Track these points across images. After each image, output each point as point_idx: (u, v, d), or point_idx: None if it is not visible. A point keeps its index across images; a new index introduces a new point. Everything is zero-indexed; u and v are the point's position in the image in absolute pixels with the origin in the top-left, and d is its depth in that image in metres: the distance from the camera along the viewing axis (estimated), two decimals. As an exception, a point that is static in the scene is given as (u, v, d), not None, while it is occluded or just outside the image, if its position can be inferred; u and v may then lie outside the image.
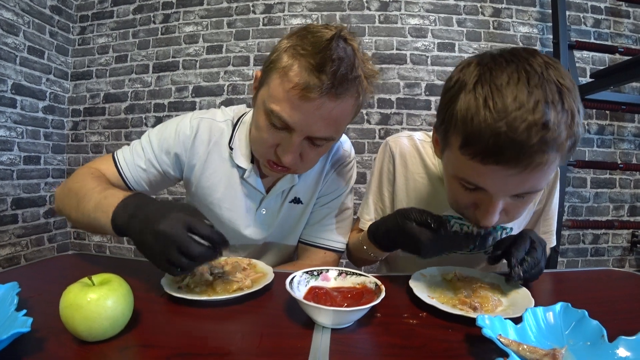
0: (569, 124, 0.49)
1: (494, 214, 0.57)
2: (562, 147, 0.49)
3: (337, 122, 0.69)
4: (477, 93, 0.50)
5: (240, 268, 0.66)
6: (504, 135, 0.47)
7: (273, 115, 0.66)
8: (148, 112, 2.33)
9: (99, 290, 0.45)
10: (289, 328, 0.52)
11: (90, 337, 0.44)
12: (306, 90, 0.62)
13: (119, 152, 0.84)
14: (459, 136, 0.53)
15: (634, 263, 2.30)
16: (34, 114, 2.18)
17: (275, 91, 0.66)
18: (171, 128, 0.84)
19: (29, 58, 2.12)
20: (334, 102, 0.64)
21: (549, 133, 0.47)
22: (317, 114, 0.64)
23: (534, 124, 0.46)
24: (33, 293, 0.59)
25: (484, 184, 0.55)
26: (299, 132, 0.67)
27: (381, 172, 0.89)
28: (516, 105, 0.47)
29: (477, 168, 0.52)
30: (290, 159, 0.69)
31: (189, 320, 0.53)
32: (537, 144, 0.47)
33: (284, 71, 0.64)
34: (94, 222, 0.64)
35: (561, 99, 0.48)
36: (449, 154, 0.59)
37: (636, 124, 2.26)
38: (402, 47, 2.18)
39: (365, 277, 0.60)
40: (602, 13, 2.22)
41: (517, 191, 0.55)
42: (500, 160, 0.49)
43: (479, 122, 0.49)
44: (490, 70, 0.51)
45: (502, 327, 0.45)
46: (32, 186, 2.19)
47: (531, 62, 0.50)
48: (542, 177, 0.53)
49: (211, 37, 2.27)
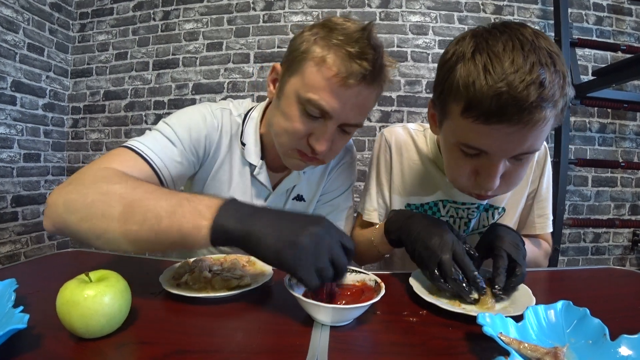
0: (561, 85, 0.54)
1: (495, 177, 0.60)
2: (556, 104, 0.54)
3: (367, 109, 0.71)
4: (476, 60, 0.55)
5: (239, 265, 0.66)
6: (505, 94, 0.51)
7: (310, 104, 0.66)
8: (148, 110, 2.33)
9: (96, 286, 0.45)
10: (288, 325, 0.51)
11: (87, 333, 0.44)
12: (347, 78, 0.63)
13: (139, 145, 0.67)
14: (460, 102, 0.57)
15: (634, 262, 2.30)
16: (33, 112, 2.18)
17: (312, 80, 0.66)
18: (196, 117, 0.77)
19: (29, 55, 2.12)
20: (368, 89, 0.67)
21: (546, 91, 0.52)
22: (354, 101, 0.66)
23: (532, 83, 0.51)
24: (31, 290, 0.58)
25: (487, 145, 0.58)
26: (335, 119, 0.68)
27: (378, 161, 0.92)
28: (514, 68, 0.52)
29: (480, 130, 0.56)
30: (324, 147, 0.69)
31: (187, 317, 0.53)
32: (536, 101, 0.52)
33: (321, 59, 0.65)
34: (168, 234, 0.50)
35: (553, 62, 0.53)
36: (449, 123, 0.62)
37: (638, 122, 2.25)
38: (403, 44, 2.17)
39: (365, 274, 0.60)
40: (605, 10, 2.21)
41: (517, 151, 0.58)
42: (503, 118, 0.53)
43: (480, 86, 0.53)
44: (486, 40, 0.56)
45: (503, 325, 0.44)
46: (32, 184, 2.19)
47: (522, 32, 0.55)
48: (540, 135, 0.57)
49: (211, 34, 2.26)
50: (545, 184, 0.87)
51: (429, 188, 0.86)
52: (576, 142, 2.20)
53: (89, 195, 0.53)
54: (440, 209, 0.87)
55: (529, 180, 0.86)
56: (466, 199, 0.84)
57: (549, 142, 2.17)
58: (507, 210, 0.87)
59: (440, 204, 0.86)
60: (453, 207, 0.85)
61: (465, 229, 0.87)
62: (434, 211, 0.87)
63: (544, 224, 0.88)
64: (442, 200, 0.86)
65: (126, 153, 0.65)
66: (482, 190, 0.64)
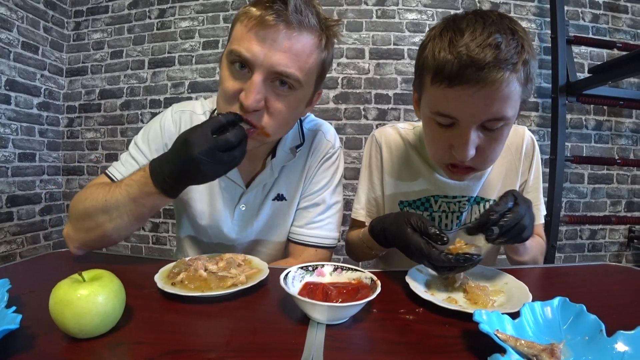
0: (519, 51, 0.59)
1: (467, 145, 0.63)
2: (515, 68, 0.58)
3: (299, 58, 0.66)
4: (442, 36, 0.62)
5: (235, 264, 0.65)
6: (464, 56, 0.58)
7: (232, 55, 0.66)
8: (144, 109, 2.31)
9: (90, 286, 0.44)
10: (284, 324, 0.51)
11: (81, 333, 0.44)
12: (261, 19, 0.64)
13: (111, 169, 0.82)
14: (430, 72, 0.63)
15: (630, 258, 2.31)
16: (28, 111, 2.16)
17: (236, 34, 0.67)
18: (155, 128, 0.84)
19: (23, 54, 2.10)
20: (291, 30, 0.65)
21: (501, 53, 0.57)
22: (275, 44, 0.64)
23: (487, 45, 0.57)
24: (25, 290, 0.58)
25: (454, 109, 0.62)
26: (258, 67, 0.65)
27: (370, 162, 0.94)
28: (474, 36, 0.58)
29: (447, 94, 0.61)
30: (251, 100, 0.64)
31: (182, 316, 0.53)
32: (493, 61, 0.57)
33: (243, 16, 0.67)
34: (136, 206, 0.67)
35: (512, 33, 0.59)
36: (425, 96, 0.68)
37: (634, 119, 2.26)
38: (399, 42, 2.17)
39: (361, 272, 0.60)
40: (601, 8, 2.21)
41: (483, 115, 0.61)
42: (462, 79, 0.58)
43: (444, 55, 0.60)
44: (453, 21, 0.63)
45: (500, 323, 0.44)
46: (27, 183, 2.18)
47: (488, 14, 0.62)
48: (504, 100, 0.60)
49: (207, 33, 2.25)
50: (533, 175, 0.88)
51: (420, 184, 0.87)
52: (572, 140, 2.21)
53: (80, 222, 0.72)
54: (432, 205, 0.87)
55: (519, 172, 0.87)
56: (457, 192, 0.85)
57: (545, 139, 2.17)
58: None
59: (432, 199, 0.87)
60: (445, 201, 0.86)
61: (457, 223, 0.87)
62: (426, 207, 0.88)
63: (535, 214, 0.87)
64: (434, 196, 0.87)
65: (103, 179, 0.80)
66: (457, 160, 0.67)
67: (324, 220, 0.89)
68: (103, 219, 0.68)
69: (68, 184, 2.42)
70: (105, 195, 0.68)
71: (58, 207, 2.40)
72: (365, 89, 2.18)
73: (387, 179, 0.91)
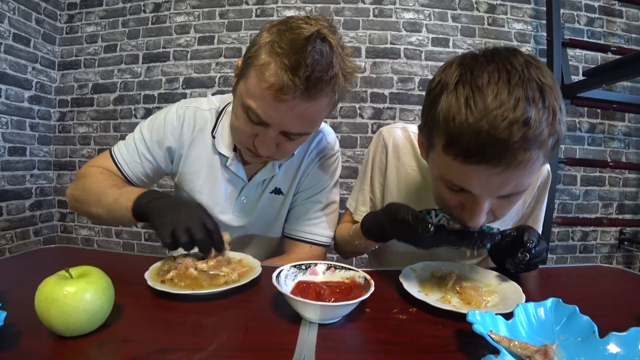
0: (550, 122, 0.49)
1: (480, 214, 0.56)
2: (544, 144, 0.49)
3: (312, 119, 0.71)
4: (458, 93, 0.51)
5: (225, 262, 0.64)
6: (485, 133, 0.47)
7: (250, 111, 0.68)
8: (137, 104, 2.28)
9: (77, 283, 0.43)
10: (275, 323, 0.51)
11: (67, 331, 0.43)
12: (280, 92, 0.63)
13: (115, 148, 0.87)
14: (442, 137, 0.53)
15: (621, 260, 2.34)
16: (19, 104, 2.12)
17: (252, 88, 0.67)
18: (160, 119, 0.86)
19: (14, 46, 2.06)
20: (307, 102, 0.66)
21: (531, 130, 0.47)
22: (291, 113, 0.67)
23: (515, 122, 0.47)
24: (11, 287, 0.57)
25: (468, 184, 0.54)
26: (274, 127, 0.69)
27: (373, 162, 0.89)
28: (497, 103, 0.47)
29: (461, 168, 0.52)
30: (266, 151, 0.72)
31: (172, 314, 0.52)
32: (519, 142, 0.47)
33: (260, 69, 0.65)
34: (115, 212, 0.74)
35: (542, 97, 0.48)
36: (434, 155, 0.59)
37: (626, 122, 2.28)
38: (396, 41, 2.16)
39: (354, 271, 0.59)
40: (596, 12, 2.23)
41: (501, 191, 0.54)
42: (482, 159, 0.49)
43: (460, 122, 0.49)
44: (471, 70, 0.52)
45: (493, 323, 0.44)
46: (17, 178, 2.14)
47: (512, 61, 0.51)
48: (526, 176, 0.52)
49: (203, 28, 2.23)
50: (542, 207, 0.84)
51: (423, 196, 0.83)
52: (566, 142, 2.23)
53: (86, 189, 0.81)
54: (432, 217, 0.84)
55: (526, 203, 0.83)
56: None
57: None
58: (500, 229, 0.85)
59: (432, 212, 0.84)
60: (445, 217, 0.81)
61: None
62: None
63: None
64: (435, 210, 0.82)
65: (107, 156, 0.87)
66: (468, 224, 0.60)
67: (319, 217, 0.89)
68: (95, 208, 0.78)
69: (59, 179, 2.39)
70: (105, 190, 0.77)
71: (48, 203, 2.36)
72: (361, 87, 2.17)
73: (389, 183, 0.87)
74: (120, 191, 0.75)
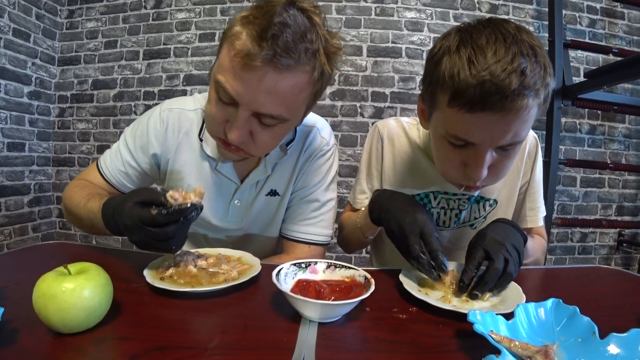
0: (542, 75, 0.56)
1: (482, 167, 0.62)
2: (538, 93, 0.56)
3: (287, 99, 0.64)
4: (461, 53, 0.58)
5: (224, 259, 0.64)
6: (488, 83, 0.54)
7: (219, 87, 0.63)
8: (137, 100, 2.28)
9: (75, 279, 0.43)
10: (275, 321, 0.50)
11: (65, 328, 0.42)
12: (247, 58, 0.58)
13: (101, 159, 0.86)
14: (446, 93, 0.59)
15: (619, 262, 2.34)
16: (18, 99, 2.12)
17: (222, 61, 0.63)
18: (143, 124, 0.83)
19: (14, 41, 2.05)
20: (279, 73, 0.60)
21: (527, 79, 0.54)
22: (261, 86, 0.60)
23: (513, 71, 0.53)
24: (9, 283, 0.56)
25: (472, 134, 0.60)
26: (243, 105, 0.62)
27: (370, 152, 0.94)
28: (496, 58, 0.54)
29: (466, 119, 0.58)
30: (236, 136, 0.64)
31: (171, 312, 0.52)
32: (518, 89, 0.54)
33: (231, 40, 0.61)
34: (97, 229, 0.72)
35: (534, 54, 0.56)
36: (438, 114, 0.64)
37: (627, 124, 2.28)
38: (397, 40, 2.16)
39: (354, 270, 0.59)
40: (598, 13, 2.23)
41: (502, 140, 0.59)
42: (486, 106, 0.55)
43: (465, 77, 0.56)
44: (470, 34, 0.59)
45: (494, 323, 0.44)
46: (16, 174, 2.14)
47: (505, 26, 0.58)
48: (524, 124, 0.59)
49: (204, 25, 2.22)
50: (537, 176, 0.88)
51: (420, 179, 0.87)
52: (566, 143, 2.23)
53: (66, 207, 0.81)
54: (431, 200, 0.87)
55: (521, 172, 0.87)
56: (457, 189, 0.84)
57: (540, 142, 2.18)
58: (501, 203, 0.87)
59: (431, 195, 0.86)
60: (444, 198, 0.86)
61: (456, 221, 0.87)
62: (425, 202, 0.87)
63: (535, 217, 0.89)
64: (433, 192, 0.86)
65: (93, 168, 0.86)
66: (471, 181, 0.66)
67: (317, 217, 0.88)
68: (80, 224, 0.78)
69: (58, 175, 2.38)
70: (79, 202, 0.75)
71: (47, 199, 2.36)
72: (362, 86, 2.17)
73: (386, 171, 0.91)
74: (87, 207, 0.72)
